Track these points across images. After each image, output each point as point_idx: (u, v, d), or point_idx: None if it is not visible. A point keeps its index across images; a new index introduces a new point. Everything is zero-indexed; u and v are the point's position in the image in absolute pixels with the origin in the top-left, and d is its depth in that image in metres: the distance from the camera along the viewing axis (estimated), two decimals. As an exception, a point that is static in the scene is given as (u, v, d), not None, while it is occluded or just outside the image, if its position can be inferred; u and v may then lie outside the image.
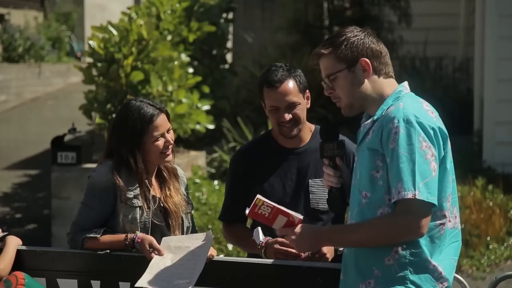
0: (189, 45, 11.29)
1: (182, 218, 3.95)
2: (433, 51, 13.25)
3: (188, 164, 10.55)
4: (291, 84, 3.98)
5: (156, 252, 3.72)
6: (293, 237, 3.35)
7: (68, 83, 19.04)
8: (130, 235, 3.76)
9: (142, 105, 3.86)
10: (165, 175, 3.97)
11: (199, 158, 10.97)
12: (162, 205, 3.92)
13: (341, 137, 3.87)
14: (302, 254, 3.81)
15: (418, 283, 3.18)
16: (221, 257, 3.90)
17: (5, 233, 3.95)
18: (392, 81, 3.36)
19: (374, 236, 3.17)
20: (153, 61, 9.77)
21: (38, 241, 4.70)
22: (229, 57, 13.73)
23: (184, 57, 10.71)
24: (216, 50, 12.18)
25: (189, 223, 4.00)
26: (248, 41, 15.31)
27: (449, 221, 3.26)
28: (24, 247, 3.92)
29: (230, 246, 8.13)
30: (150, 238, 3.74)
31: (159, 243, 3.76)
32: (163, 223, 3.90)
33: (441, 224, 3.22)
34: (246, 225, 4.17)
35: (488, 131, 10.49)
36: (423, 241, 3.19)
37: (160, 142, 3.85)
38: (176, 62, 10.05)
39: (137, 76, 9.57)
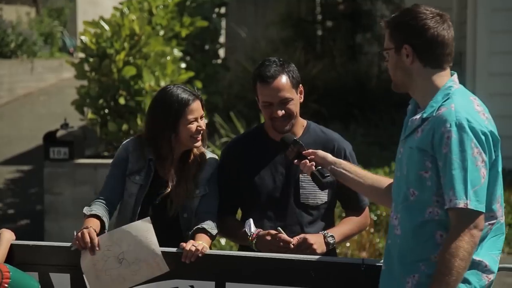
0: (181, 40, 11.28)
1: (183, 206, 4.01)
2: (426, 45, 13.24)
3: (181, 159, 10.53)
4: (284, 79, 3.97)
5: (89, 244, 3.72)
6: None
7: (61, 78, 19.02)
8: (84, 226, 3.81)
9: (179, 90, 4.04)
10: (190, 159, 4.07)
11: (192, 153, 10.95)
12: (165, 190, 4.00)
13: (332, 133, 4.10)
14: (292, 245, 3.84)
15: (465, 277, 3.21)
16: (213, 251, 3.90)
17: None
18: (441, 72, 3.31)
19: (463, 263, 3.15)
20: (145, 56, 9.76)
21: (31, 237, 4.70)
22: (221, 52, 13.73)
23: (177, 52, 10.70)
24: (209, 45, 12.18)
25: (192, 209, 4.03)
26: (241, 35, 15.30)
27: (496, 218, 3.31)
28: (16, 242, 3.91)
29: (223, 241, 8.14)
30: (90, 230, 3.76)
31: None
32: (159, 205, 4.00)
33: (489, 224, 3.28)
34: (236, 218, 4.19)
35: (480, 125, 10.49)
36: None
37: (193, 126, 4.00)
38: (168, 57, 10.04)
39: (130, 71, 9.55)
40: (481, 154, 3.18)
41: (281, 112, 3.96)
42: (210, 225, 3.90)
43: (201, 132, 4.03)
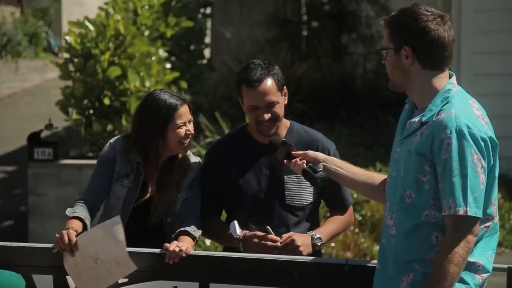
0: (166, 41, 11.25)
1: (166, 211, 3.99)
2: (411, 46, 13.26)
3: (166, 160, 10.50)
4: (269, 83, 3.96)
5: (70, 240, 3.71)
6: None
7: (46, 79, 18.93)
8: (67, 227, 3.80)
9: (167, 95, 4.02)
10: (175, 165, 4.03)
11: (177, 153, 10.92)
12: (150, 194, 3.98)
13: (316, 133, 4.09)
14: (279, 244, 3.84)
15: (460, 276, 3.21)
16: (197, 251, 3.89)
17: None
18: (440, 74, 3.30)
19: (457, 268, 3.16)
20: (130, 56, 9.74)
21: (15, 238, 4.69)
22: (207, 52, 13.71)
23: (162, 53, 10.67)
24: (194, 45, 12.15)
25: (175, 213, 4.01)
26: (226, 36, 15.29)
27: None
28: (-1, 243, 3.91)
29: (208, 241, 8.13)
30: (69, 232, 3.74)
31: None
32: (144, 210, 3.98)
33: (485, 227, 3.29)
34: (221, 219, 4.17)
35: (465, 125, 10.51)
36: None
37: (182, 130, 3.98)
38: (153, 58, 10.01)
39: (114, 71, 9.52)
40: (481, 160, 3.18)
41: (267, 116, 3.95)
42: (192, 228, 3.89)
43: (190, 136, 4.01)
